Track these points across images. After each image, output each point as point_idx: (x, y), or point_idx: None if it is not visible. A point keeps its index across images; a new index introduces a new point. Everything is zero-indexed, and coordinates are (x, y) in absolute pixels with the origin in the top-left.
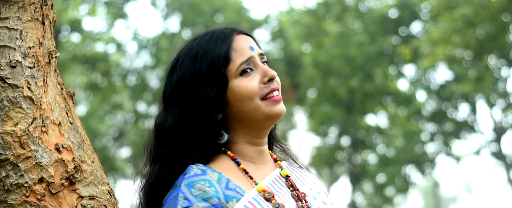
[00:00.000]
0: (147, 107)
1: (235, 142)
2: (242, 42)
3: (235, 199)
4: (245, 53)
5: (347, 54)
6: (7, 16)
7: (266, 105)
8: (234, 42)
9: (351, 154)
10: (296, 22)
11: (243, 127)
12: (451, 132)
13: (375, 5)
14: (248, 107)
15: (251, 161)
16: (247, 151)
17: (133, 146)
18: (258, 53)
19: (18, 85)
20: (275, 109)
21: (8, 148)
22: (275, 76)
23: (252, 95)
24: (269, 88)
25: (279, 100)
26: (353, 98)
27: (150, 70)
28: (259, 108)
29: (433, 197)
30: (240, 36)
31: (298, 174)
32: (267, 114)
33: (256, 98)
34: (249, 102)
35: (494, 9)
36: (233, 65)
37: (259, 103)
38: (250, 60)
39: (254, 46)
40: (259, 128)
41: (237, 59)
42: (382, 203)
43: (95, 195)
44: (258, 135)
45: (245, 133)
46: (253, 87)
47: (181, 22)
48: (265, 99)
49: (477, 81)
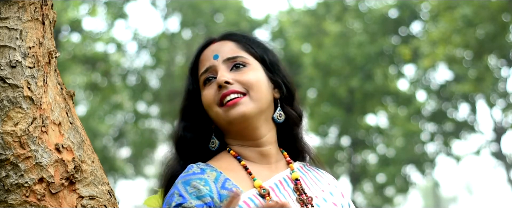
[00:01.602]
0: (147, 107)
1: (230, 144)
2: (209, 52)
3: None
4: (206, 64)
5: (347, 54)
6: (7, 16)
7: (224, 111)
8: (203, 54)
9: (351, 154)
10: (296, 22)
11: (228, 132)
12: (451, 132)
13: (375, 5)
14: (212, 115)
15: (253, 160)
16: (246, 151)
17: (133, 146)
18: (224, 59)
19: (18, 85)
20: (231, 114)
21: (8, 148)
22: (221, 81)
23: (209, 103)
24: (220, 95)
25: (232, 104)
26: (353, 98)
27: (150, 70)
28: (219, 115)
29: (433, 197)
30: (215, 44)
31: (313, 175)
32: (226, 120)
33: (214, 105)
34: (210, 110)
35: (494, 9)
36: (199, 75)
37: (218, 110)
38: (210, 69)
39: (223, 52)
40: (237, 132)
41: (200, 70)
42: (382, 203)
43: (95, 195)
44: (247, 137)
45: (233, 137)
46: (209, 95)
47: (181, 22)
48: (222, 105)
49: (477, 81)
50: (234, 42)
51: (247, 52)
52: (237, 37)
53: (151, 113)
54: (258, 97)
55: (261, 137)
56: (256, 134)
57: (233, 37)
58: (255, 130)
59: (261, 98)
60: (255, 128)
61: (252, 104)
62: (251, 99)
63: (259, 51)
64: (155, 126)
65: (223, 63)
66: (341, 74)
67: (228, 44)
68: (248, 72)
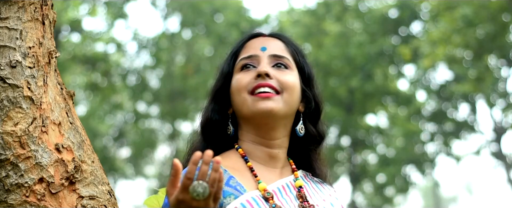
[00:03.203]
0: (147, 107)
1: (243, 140)
2: (257, 43)
3: (233, 196)
4: (250, 51)
5: (347, 54)
6: (7, 16)
7: (252, 100)
8: (249, 42)
9: (351, 154)
10: (296, 22)
11: (244, 123)
12: (451, 132)
13: (375, 5)
14: (238, 100)
15: (260, 162)
16: (255, 150)
17: (133, 146)
18: (270, 54)
19: (18, 85)
20: (259, 105)
21: (8, 148)
22: (263, 72)
23: (240, 87)
24: (255, 83)
25: (265, 97)
26: (353, 98)
27: (150, 70)
28: (245, 102)
29: (433, 197)
30: (264, 38)
31: (315, 185)
32: (251, 109)
33: (244, 91)
34: (238, 95)
35: (494, 9)
36: (238, 60)
37: (246, 97)
38: (253, 57)
39: (272, 47)
40: (255, 125)
41: (241, 54)
42: (382, 203)
43: (95, 195)
44: (261, 134)
45: (248, 130)
46: (243, 80)
47: (181, 22)
48: (253, 94)
49: (477, 81)
50: (283, 43)
51: (292, 57)
52: (286, 40)
53: (151, 113)
54: (289, 100)
55: (274, 139)
56: (271, 134)
57: (283, 38)
58: (271, 130)
59: (291, 103)
60: (273, 129)
61: (282, 105)
62: (283, 100)
63: (301, 61)
64: (155, 126)
65: (268, 58)
66: (341, 74)
67: (278, 42)
68: (288, 74)
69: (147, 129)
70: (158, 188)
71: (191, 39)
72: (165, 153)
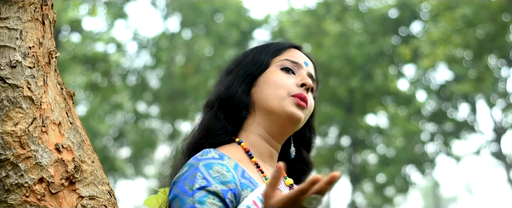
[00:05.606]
0: (147, 107)
1: (249, 131)
2: (301, 54)
3: (249, 189)
4: (296, 58)
5: (347, 54)
6: (7, 16)
7: (290, 101)
8: (294, 50)
9: (351, 154)
10: (296, 22)
11: (261, 115)
12: (451, 132)
13: (375, 5)
14: (270, 92)
15: (261, 158)
16: (259, 144)
17: (133, 146)
18: (309, 72)
19: (18, 85)
20: (294, 110)
21: (8, 148)
22: (310, 85)
23: (281, 84)
24: (300, 91)
25: (302, 105)
26: (353, 98)
27: (150, 70)
28: (282, 99)
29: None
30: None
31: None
32: (284, 108)
33: (284, 89)
34: (275, 88)
35: (494, 9)
36: (280, 57)
37: (285, 95)
38: (298, 64)
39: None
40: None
41: (286, 55)
42: (382, 203)
43: (95, 195)
44: (272, 133)
45: (260, 122)
46: (286, 79)
47: (181, 22)
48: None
49: (477, 81)
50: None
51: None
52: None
53: (151, 113)
54: (305, 119)
55: (280, 142)
56: (280, 137)
57: (315, 64)
58: (283, 135)
59: (304, 122)
60: (286, 134)
61: (303, 120)
62: (305, 117)
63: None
64: (155, 126)
65: (307, 74)
66: (341, 74)
67: (313, 65)
68: (312, 98)
69: (147, 129)
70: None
71: (191, 39)
72: (165, 153)
